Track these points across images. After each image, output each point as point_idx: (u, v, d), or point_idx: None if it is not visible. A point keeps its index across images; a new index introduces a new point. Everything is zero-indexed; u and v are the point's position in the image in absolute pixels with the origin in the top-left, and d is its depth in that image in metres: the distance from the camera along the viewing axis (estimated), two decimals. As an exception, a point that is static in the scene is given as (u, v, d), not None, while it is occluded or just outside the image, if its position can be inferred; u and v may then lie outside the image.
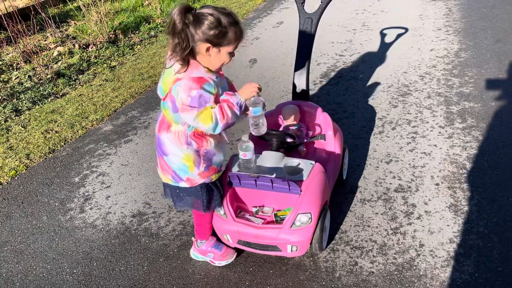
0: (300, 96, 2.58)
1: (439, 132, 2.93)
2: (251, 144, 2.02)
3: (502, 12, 4.90)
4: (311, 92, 3.66)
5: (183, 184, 1.87)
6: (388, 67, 3.95)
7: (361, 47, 4.45)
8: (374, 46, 4.45)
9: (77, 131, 3.40)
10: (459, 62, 3.88)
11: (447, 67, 3.82)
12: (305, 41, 2.55)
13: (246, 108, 1.77)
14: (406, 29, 4.76)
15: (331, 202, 2.31)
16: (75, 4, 6.57)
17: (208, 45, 1.62)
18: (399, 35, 4.64)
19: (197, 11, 1.62)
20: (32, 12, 5.65)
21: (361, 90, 3.61)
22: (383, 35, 4.70)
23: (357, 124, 3.14)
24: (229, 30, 1.61)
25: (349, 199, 2.43)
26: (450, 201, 2.32)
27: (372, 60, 4.14)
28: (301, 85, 2.56)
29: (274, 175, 1.94)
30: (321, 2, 2.58)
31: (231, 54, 1.70)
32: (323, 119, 2.44)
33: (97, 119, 3.57)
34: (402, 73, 3.80)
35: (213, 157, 1.88)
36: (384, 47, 4.40)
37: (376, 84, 3.68)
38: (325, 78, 3.90)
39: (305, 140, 2.40)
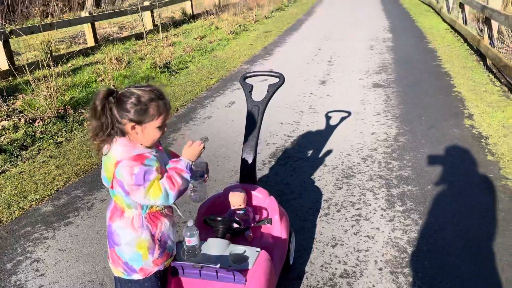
0: (247, 179, 2.63)
1: (381, 215, 3.04)
2: (196, 230, 2.00)
3: (434, 101, 5.38)
4: (260, 172, 3.74)
5: (136, 276, 1.79)
6: (333, 149, 4.14)
7: (308, 129, 4.67)
8: (320, 128, 4.68)
9: (14, 212, 3.21)
10: (397, 146, 4.15)
11: (387, 150, 4.07)
12: (252, 128, 2.65)
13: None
14: (349, 113, 5.08)
15: (277, 289, 2.27)
16: (25, 78, 6.51)
17: (132, 124, 1.63)
18: (343, 118, 4.94)
19: (119, 92, 1.66)
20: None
21: (308, 171, 3.73)
22: (328, 117, 4.97)
23: (304, 205, 3.20)
24: (149, 106, 1.63)
25: (295, 286, 2.40)
26: (393, 287, 2.36)
27: (318, 141, 4.34)
28: (248, 169, 2.61)
29: (218, 265, 1.90)
30: (268, 91, 2.74)
31: (161, 128, 1.70)
32: (269, 203, 2.47)
33: (36, 199, 3.40)
34: (346, 155, 3.99)
35: (168, 241, 1.85)
36: (330, 129, 4.65)
37: (322, 165, 3.82)
38: (274, 158, 4.01)
39: (252, 225, 2.41)
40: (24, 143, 4.55)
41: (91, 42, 9.59)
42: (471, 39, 7.92)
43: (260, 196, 2.51)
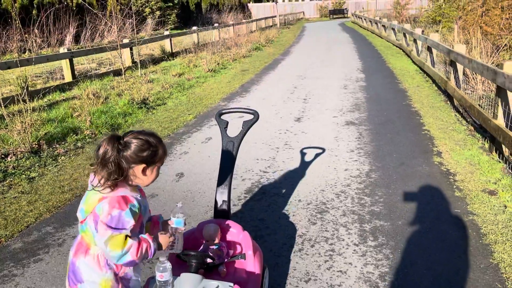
0: (221, 214, 2.65)
1: (354, 250, 3.09)
2: (168, 265, 1.99)
3: (404, 139, 5.57)
4: (235, 207, 3.76)
5: None
6: (308, 184, 4.22)
7: (283, 165, 4.75)
8: (295, 164, 4.77)
9: (-20, 249, 3.12)
10: (370, 182, 4.26)
11: (360, 186, 4.17)
12: (227, 163, 2.70)
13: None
14: (324, 149, 5.20)
15: (250, 326, 2.26)
16: (8, 110, 6.43)
17: (144, 165, 1.74)
18: (317, 155, 5.05)
19: (124, 138, 1.75)
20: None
21: (283, 206, 3.78)
22: (303, 154, 5.08)
23: (279, 241, 3.22)
24: (158, 148, 1.78)
25: (269, 322, 2.39)
26: (365, 322, 2.38)
27: (293, 177, 4.41)
28: (222, 204, 2.64)
29: (190, 302, 1.89)
30: (242, 127, 2.81)
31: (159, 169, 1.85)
32: (243, 238, 2.49)
33: (6, 235, 3.32)
34: (320, 191, 4.07)
35: (131, 281, 1.84)
36: (304, 165, 4.74)
37: (297, 200, 3.88)
38: (249, 193, 4.05)
39: (226, 260, 2.42)
40: (-5, 178, 4.46)
41: (68, 78, 9.62)
42: (439, 80, 8.31)
43: (234, 231, 2.53)
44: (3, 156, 5.05)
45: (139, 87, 8.77)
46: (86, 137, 5.86)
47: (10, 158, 5.03)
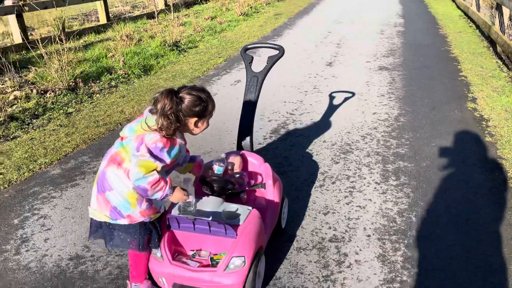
0: (244, 146, 2.74)
1: (375, 188, 3.14)
2: (192, 187, 2.13)
3: (438, 84, 5.40)
4: (260, 146, 3.85)
5: (122, 221, 1.93)
6: (334, 127, 4.23)
7: (310, 108, 4.75)
8: (323, 107, 4.76)
9: (23, 174, 3.38)
10: (397, 125, 4.22)
11: (387, 129, 4.14)
12: (251, 96, 2.75)
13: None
14: (353, 94, 5.14)
15: (268, 249, 2.40)
16: (38, 52, 6.66)
17: (196, 119, 1.96)
18: (346, 99, 5.00)
19: (177, 92, 1.93)
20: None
21: (307, 146, 3.83)
22: (331, 97, 5.04)
23: (301, 177, 3.31)
24: (208, 103, 1.98)
25: (286, 247, 2.52)
26: (379, 252, 2.47)
27: (320, 119, 4.42)
28: (245, 137, 2.72)
29: (210, 218, 2.02)
30: (267, 62, 2.82)
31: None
32: (264, 169, 2.58)
33: (46, 162, 3.56)
34: (346, 133, 4.08)
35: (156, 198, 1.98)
36: (332, 108, 4.72)
37: (322, 141, 3.92)
38: (275, 134, 4.11)
39: (247, 188, 2.53)
40: (36, 112, 4.71)
41: (103, 20, 9.70)
42: (483, 25, 7.86)
43: (256, 163, 2.63)
44: (42, 92, 5.28)
45: (171, 30, 8.76)
46: (120, 77, 6.00)
47: (49, 94, 5.26)
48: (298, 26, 9.65)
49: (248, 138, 2.71)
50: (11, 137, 4.11)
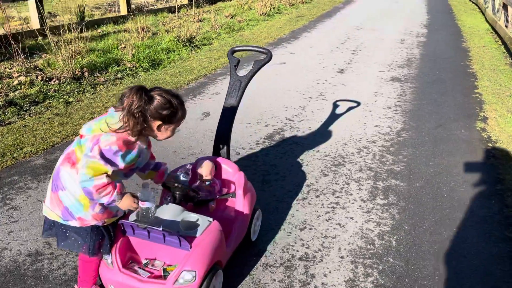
0: (220, 153, 2.63)
1: (359, 206, 2.98)
2: (151, 193, 2.03)
3: (450, 100, 5.17)
4: (251, 150, 3.73)
5: (73, 223, 1.85)
6: (331, 137, 4.07)
7: (311, 115, 4.60)
8: (324, 116, 4.60)
9: (6, 161, 3.36)
10: (398, 141, 4.03)
11: (386, 144, 3.96)
12: (231, 101, 2.63)
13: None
14: (359, 103, 4.96)
15: (231, 263, 2.29)
16: (57, 38, 6.70)
17: (160, 122, 1.84)
18: (350, 108, 4.83)
19: (149, 92, 1.83)
20: (8, 41, 5.74)
21: (299, 155, 3.69)
22: (335, 106, 4.88)
23: (285, 188, 3.18)
24: (178, 110, 1.87)
25: (252, 262, 2.40)
26: (349, 276, 2.32)
27: (318, 128, 4.27)
28: (222, 144, 2.61)
29: (161, 228, 1.92)
30: (252, 67, 2.71)
31: (174, 130, 1.95)
32: (238, 178, 2.47)
33: (31, 151, 3.54)
34: (342, 145, 3.92)
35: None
36: (333, 117, 4.56)
37: (315, 151, 3.77)
38: (269, 139, 3.99)
39: (217, 197, 2.42)
40: (36, 99, 4.72)
41: (124, 11, 9.76)
42: (509, 41, 7.52)
43: (230, 171, 2.51)
44: (47, 79, 5.30)
45: (189, 25, 8.73)
46: (127, 69, 5.98)
47: (54, 82, 5.27)
48: (318, 29, 9.47)
49: (224, 144, 2.60)
50: (5, 122, 4.11)
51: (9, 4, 9.03)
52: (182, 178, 2.20)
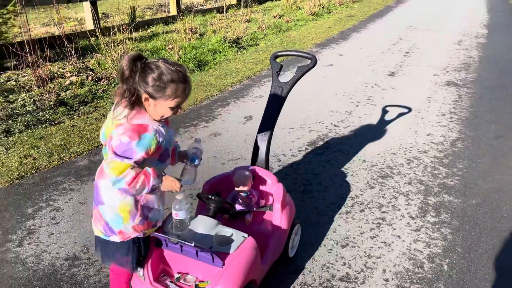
0: (259, 163, 2.52)
1: (408, 223, 2.77)
2: (185, 204, 1.96)
3: (511, 108, 4.77)
4: (293, 158, 3.61)
5: (114, 238, 1.80)
6: (379, 145, 3.86)
7: (358, 121, 4.40)
8: (372, 122, 4.38)
9: (53, 161, 3.43)
10: (452, 151, 3.75)
11: (439, 155, 3.69)
12: (272, 109, 2.52)
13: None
14: (410, 109, 4.69)
15: (266, 280, 2.18)
16: (105, 39, 6.90)
17: (146, 95, 1.65)
18: (400, 114, 4.58)
19: (147, 61, 1.65)
20: (62, 41, 5.95)
21: (343, 164, 3.52)
22: (384, 111, 4.64)
23: (327, 199, 3.02)
24: (168, 86, 1.63)
25: (289, 280, 2.28)
26: (393, 302, 2.15)
27: (365, 135, 4.06)
28: (261, 152, 2.50)
29: (193, 244, 1.84)
30: (295, 73, 2.58)
31: (174, 109, 1.70)
32: (276, 190, 2.35)
33: (77, 152, 3.60)
34: (390, 154, 3.70)
35: (152, 211, 1.83)
36: (382, 124, 4.33)
37: (361, 161, 3.58)
38: (312, 146, 3.84)
39: (254, 209, 2.32)
40: (85, 99, 4.84)
41: (173, 11, 9.89)
42: None
43: (269, 182, 2.41)
44: (97, 79, 5.43)
45: (236, 25, 8.71)
46: (173, 70, 6.01)
47: (103, 82, 5.39)
48: (368, 30, 9.14)
49: (264, 154, 2.49)
50: (55, 122, 4.23)
51: (66, 4, 9.40)
52: (193, 156, 2.00)
